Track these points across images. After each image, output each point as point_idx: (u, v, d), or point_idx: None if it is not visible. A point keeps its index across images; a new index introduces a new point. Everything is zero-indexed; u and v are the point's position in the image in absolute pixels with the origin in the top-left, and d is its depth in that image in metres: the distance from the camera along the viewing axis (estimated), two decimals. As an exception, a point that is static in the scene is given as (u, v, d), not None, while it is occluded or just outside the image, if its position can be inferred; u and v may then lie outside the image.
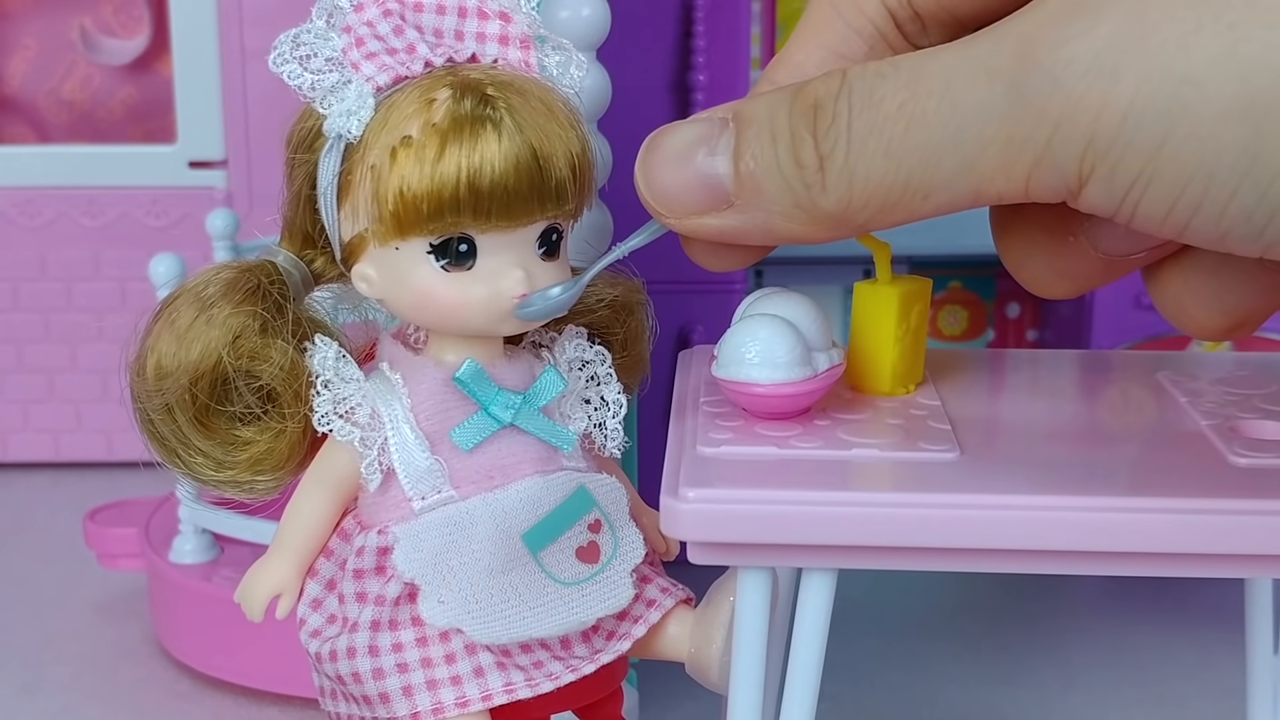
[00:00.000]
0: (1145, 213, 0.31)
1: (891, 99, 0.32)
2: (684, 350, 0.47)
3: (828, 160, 0.33)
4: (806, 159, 0.34)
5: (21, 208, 0.87)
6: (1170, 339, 0.76)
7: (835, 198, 0.34)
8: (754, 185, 0.35)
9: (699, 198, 0.36)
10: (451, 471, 0.40)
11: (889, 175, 0.33)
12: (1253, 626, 0.46)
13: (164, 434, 0.40)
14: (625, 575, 0.41)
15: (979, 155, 0.32)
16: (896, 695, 0.63)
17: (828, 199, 0.34)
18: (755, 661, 0.38)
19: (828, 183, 0.34)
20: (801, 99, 0.34)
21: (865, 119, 0.33)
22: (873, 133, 0.33)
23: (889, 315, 0.41)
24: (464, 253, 0.38)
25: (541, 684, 0.40)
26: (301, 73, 0.39)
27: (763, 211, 0.35)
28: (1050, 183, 0.32)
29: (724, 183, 0.35)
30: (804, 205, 0.34)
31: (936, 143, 0.32)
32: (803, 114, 0.34)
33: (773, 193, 0.35)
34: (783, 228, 0.35)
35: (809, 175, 0.34)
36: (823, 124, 0.33)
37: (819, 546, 0.36)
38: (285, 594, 0.41)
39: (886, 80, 0.33)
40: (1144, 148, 0.30)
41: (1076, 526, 0.35)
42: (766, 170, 0.34)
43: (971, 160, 0.32)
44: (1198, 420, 0.40)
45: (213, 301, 0.39)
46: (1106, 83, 0.30)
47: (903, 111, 0.32)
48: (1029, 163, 0.31)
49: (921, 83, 0.32)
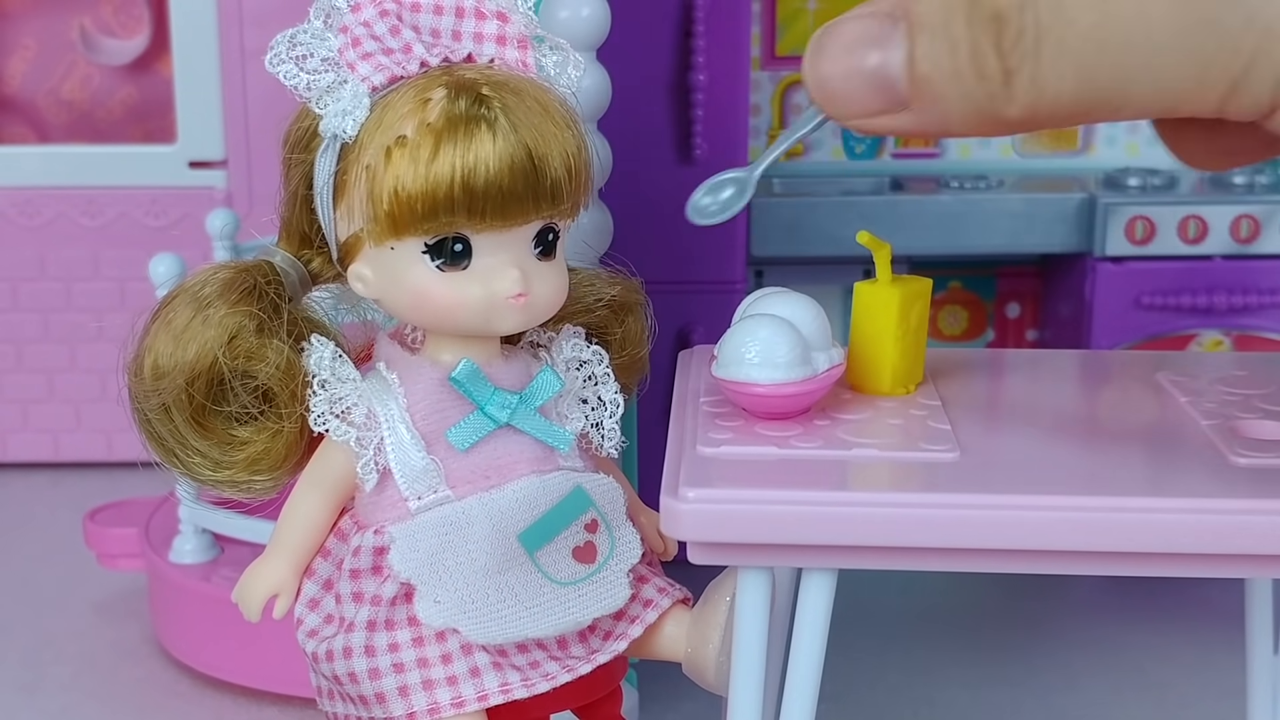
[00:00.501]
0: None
1: (1083, 18, 0.32)
2: (684, 350, 0.47)
3: (1014, 75, 0.33)
4: (991, 71, 0.33)
5: (21, 208, 0.87)
6: (1170, 339, 0.76)
7: (1020, 107, 0.33)
8: (932, 91, 0.34)
9: (872, 99, 0.35)
10: (448, 471, 0.40)
11: (1080, 92, 0.33)
12: (1253, 627, 0.46)
13: (161, 434, 0.40)
14: (622, 575, 0.41)
15: (1174, 80, 0.32)
16: (896, 696, 0.63)
17: (1013, 108, 0.33)
18: (755, 661, 0.38)
19: (1014, 94, 0.33)
20: (980, 6, 0.33)
21: (1055, 36, 0.32)
22: (1063, 52, 0.32)
23: (889, 315, 0.41)
24: (459, 253, 0.38)
25: (538, 684, 0.40)
26: (297, 73, 0.39)
27: (940, 114, 0.34)
28: (1243, 108, 0.32)
29: (898, 85, 0.34)
30: (986, 112, 0.34)
31: (1131, 65, 0.32)
32: (984, 24, 0.33)
33: (952, 100, 0.34)
34: (959, 128, 0.35)
35: (994, 87, 0.33)
36: (1008, 38, 0.33)
37: (819, 546, 0.36)
38: (282, 594, 0.41)
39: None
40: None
41: (1076, 526, 0.35)
42: (945, 78, 0.34)
43: (1166, 83, 0.32)
44: (1198, 420, 0.40)
45: (209, 301, 0.39)
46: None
47: (1095, 32, 0.32)
48: (1224, 90, 0.32)
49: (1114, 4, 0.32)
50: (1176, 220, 0.74)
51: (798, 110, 0.83)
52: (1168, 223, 0.74)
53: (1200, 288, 0.75)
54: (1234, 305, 0.75)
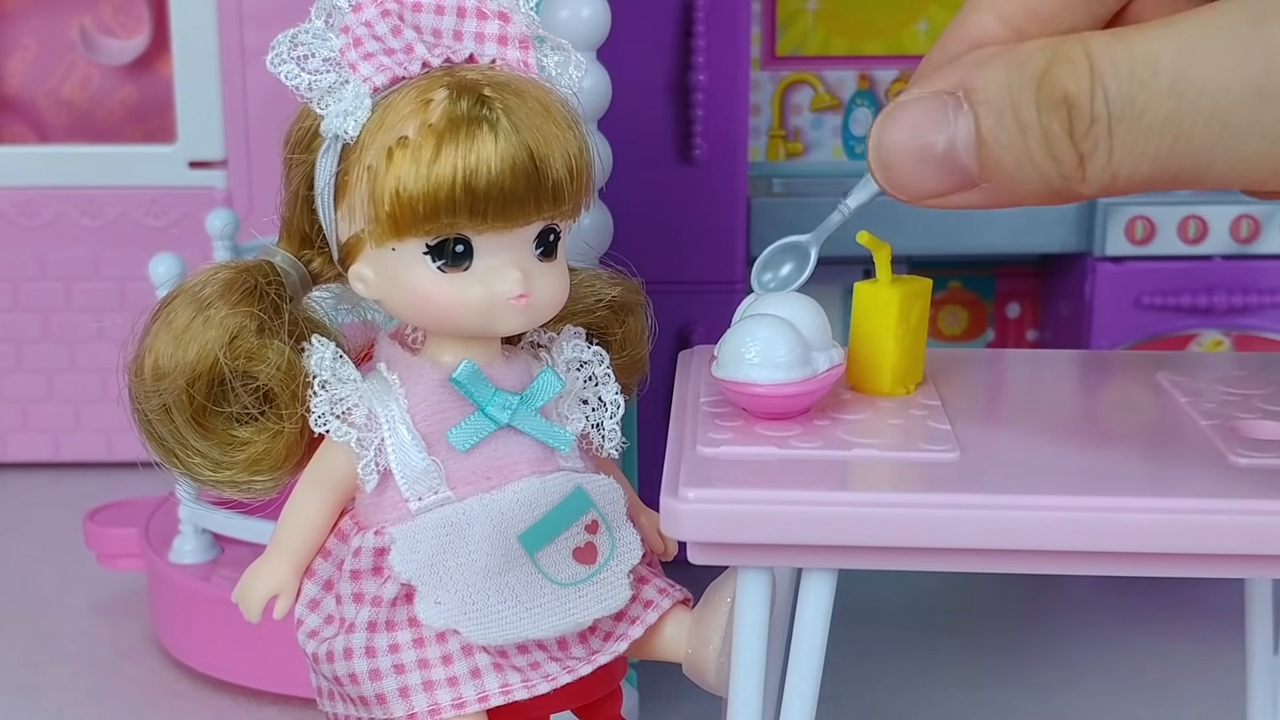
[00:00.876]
0: None
1: (1155, 110, 0.32)
2: (684, 350, 0.47)
3: (1088, 160, 0.33)
4: (1064, 155, 0.33)
5: (21, 208, 0.87)
6: (1170, 339, 0.76)
7: (1095, 187, 0.33)
8: (1002, 172, 0.34)
9: (941, 181, 0.35)
10: (448, 472, 0.40)
11: (1155, 173, 0.33)
12: (1252, 626, 0.46)
13: (162, 434, 0.40)
14: (622, 576, 0.41)
15: (1250, 166, 0.32)
16: (896, 696, 0.63)
17: (1087, 188, 0.33)
18: (755, 662, 0.38)
19: (1088, 177, 0.33)
20: (1048, 90, 0.33)
21: (1127, 126, 0.32)
22: (1137, 142, 0.32)
23: (889, 315, 0.41)
24: (460, 253, 0.38)
25: (538, 685, 0.40)
26: (299, 73, 0.39)
27: (1012, 192, 0.34)
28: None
29: (968, 166, 0.34)
30: (1059, 190, 0.34)
31: (1206, 154, 0.32)
32: (1053, 108, 0.33)
33: (1025, 180, 0.34)
34: (1032, 202, 0.35)
35: (1067, 169, 0.33)
36: (1080, 125, 0.33)
37: (819, 547, 0.36)
38: (282, 594, 0.41)
39: (1146, 88, 0.32)
40: None
41: (1076, 527, 0.35)
42: (1017, 160, 0.34)
43: (1242, 170, 0.32)
44: (1198, 420, 0.40)
45: (210, 302, 0.39)
46: None
47: (1169, 125, 0.32)
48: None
49: (1187, 97, 0.32)
50: (1176, 220, 0.74)
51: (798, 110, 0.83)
52: (1168, 223, 0.74)
53: (1200, 288, 0.75)
54: (1234, 305, 0.75)
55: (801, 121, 0.83)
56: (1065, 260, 0.79)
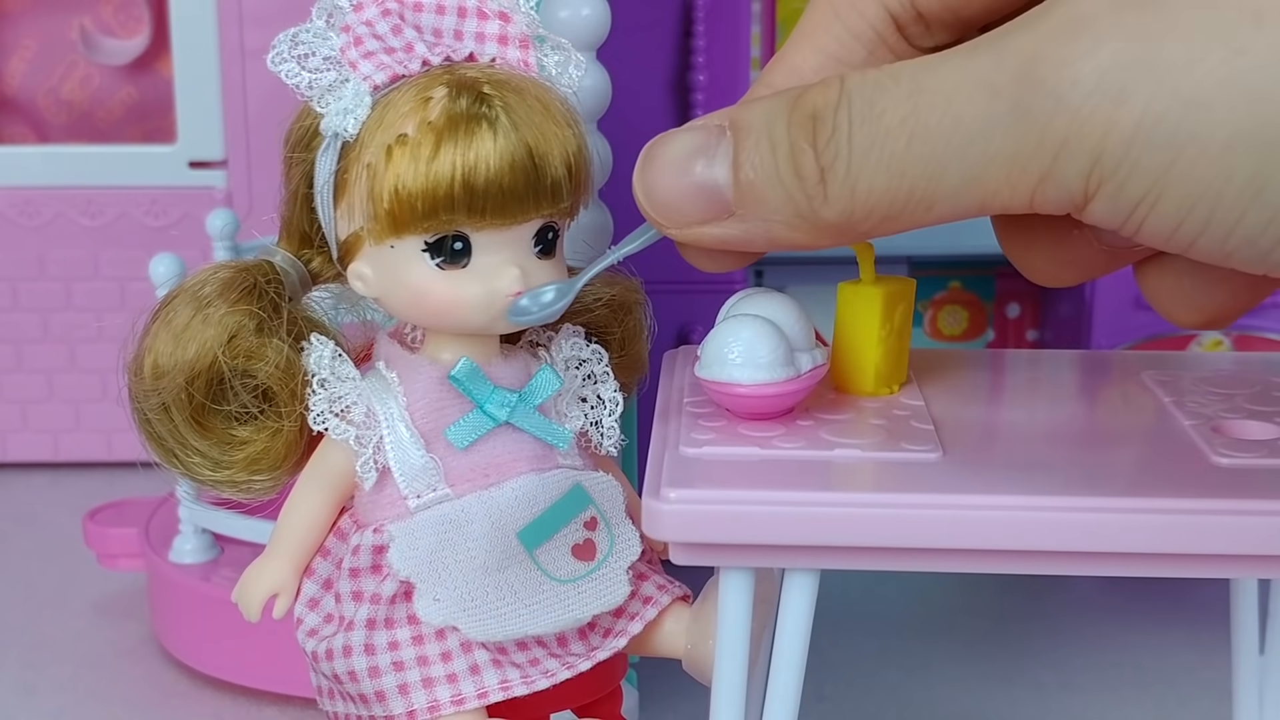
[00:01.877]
0: (1151, 229, 0.31)
1: (893, 112, 0.32)
2: (669, 351, 0.47)
3: (829, 172, 0.33)
4: (807, 170, 0.34)
5: (21, 208, 0.87)
6: (1170, 339, 0.76)
7: (837, 209, 0.34)
8: (754, 195, 0.35)
9: (699, 208, 0.36)
10: (447, 469, 0.40)
11: (892, 188, 0.33)
12: (1238, 627, 0.45)
13: (161, 434, 0.40)
14: (621, 572, 0.41)
15: (983, 171, 0.32)
16: (895, 696, 0.63)
17: (830, 210, 0.34)
18: (738, 662, 0.38)
19: (829, 194, 0.33)
20: (800, 109, 0.34)
21: (866, 132, 0.33)
22: (874, 146, 0.33)
23: (872, 315, 0.41)
24: (459, 251, 0.38)
25: (538, 681, 0.40)
26: (299, 71, 0.39)
27: (764, 221, 0.35)
28: (1055, 198, 0.31)
29: (724, 192, 0.35)
30: (806, 215, 0.34)
31: (940, 157, 0.32)
32: (801, 124, 0.34)
33: (774, 203, 0.34)
34: (784, 236, 0.35)
35: (810, 187, 0.34)
36: (823, 136, 0.33)
37: (801, 547, 0.36)
38: (282, 593, 0.41)
39: (887, 93, 0.32)
40: (1151, 169, 0.30)
41: (1058, 527, 0.34)
42: (767, 180, 0.34)
43: (976, 175, 0.32)
44: (1181, 420, 0.40)
45: (209, 300, 0.39)
46: (1113, 104, 0.30)
47: (904, 126, 0.32)
48: (1034, 179, 0.31)
49: (923, 97, 0.32)
50: (1176, 220, 0.74)
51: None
52: (1167, 223, 0.74)
53: (1200, 288, 0.75)
54: (1233, 305, 0.75)
55: (801, 121, 0.83)
56: (1065, 260, 0.79)
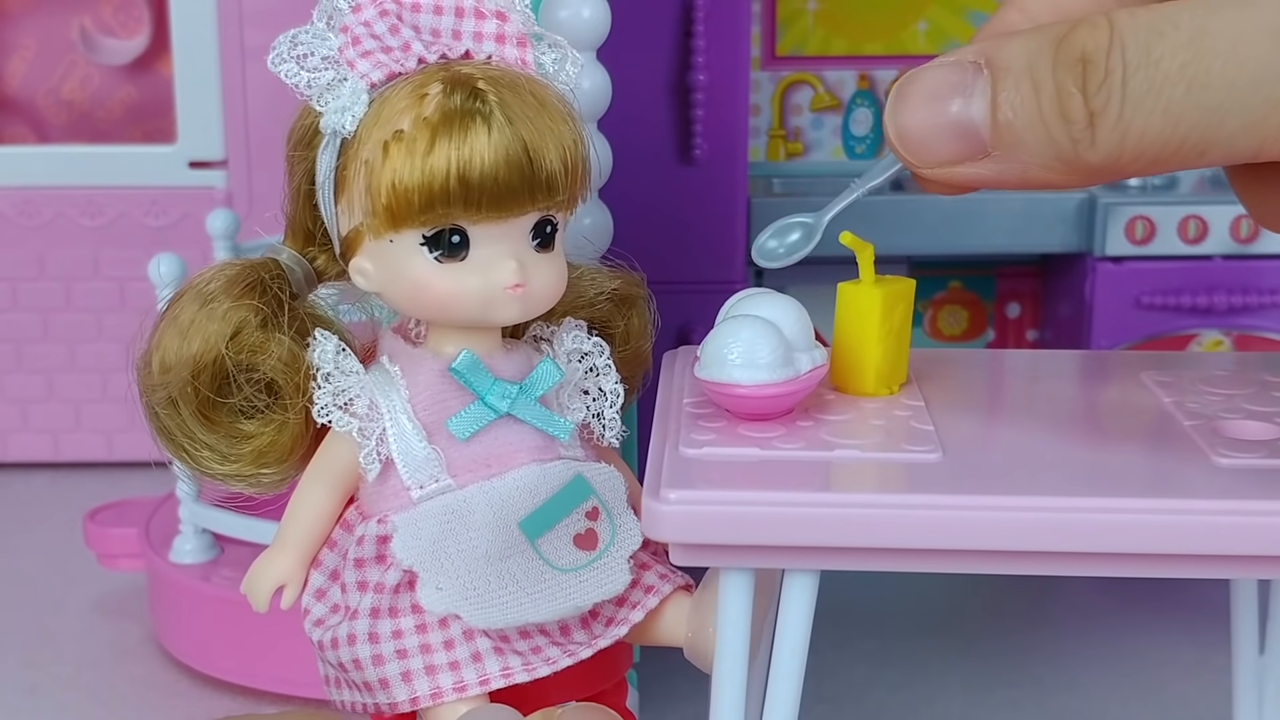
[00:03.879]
0: None
1: (1171, 59, 0.32)
2: (669, 351, 0.47)
3: (1099, 116, 0.32)
4: (1075, 114, 0.33)
5: (21, 208, 0.87)
6: (1170, 339, 0.76)
7: (1105, 152, 0.33)
8: (1014, 136, 0.34)
9: (953, 148, 0.35)
10: (449, 460, 0.40)
11: (1166, 133, 0.32)
12: (1238, 627, 0.45)
13: (169, 428, 0.40)
14: (623, 562, 0.41)
15: (1265, 117, 0.31)
16: (895, 696, 0.63)
17: (1096, 153, 0.33)
18: (738, 662, 0.38)
19: (1098, 138, 0.33)
20: (1066, 49, 0.33)
21: (1142, 77, 0.32)
22: (1150, 91, 0.32)
23: (872, 316, 0.41)
24: (457, 244, 0.39)
25: (539, 669, 0.40)
26: (298, 71, 0.39)
27: (1021, 162, 0.34)
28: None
29: (980, 132, 0.34)
30: (1068, 158, 0.33)
31: (1220, 103, 0.31)
32: (1069, 66, 0.33)
33: (1034, 145, 0.33)
34: (1041, 176, 0.34)
35: (1077, 130, 0.33)
36: (1094, 79, 0.32)
37: (801, 548, 0.36)
38: (289, 585, 0.41)
39: (1165, 38, 0.32)
40: None
41: (1058, 528, 0.34)
42: (1028, 122, 0.33)
43: (1257, 121, 0.31)
44: (1181, 421, 0.40)
45: (213, 296, 0.40)
46: None
47: (1184, 72, 0.31)
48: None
49: (1204, 42, 0.31)
50: (1176, 220, 0.74)
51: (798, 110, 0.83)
52: (1168, 223, 0.74)
53: (1200, 288, 0.75)
54: (1234, 305, 0.75)
55: (801, 121, 0.83)
56: (1065, 260, 0.79)
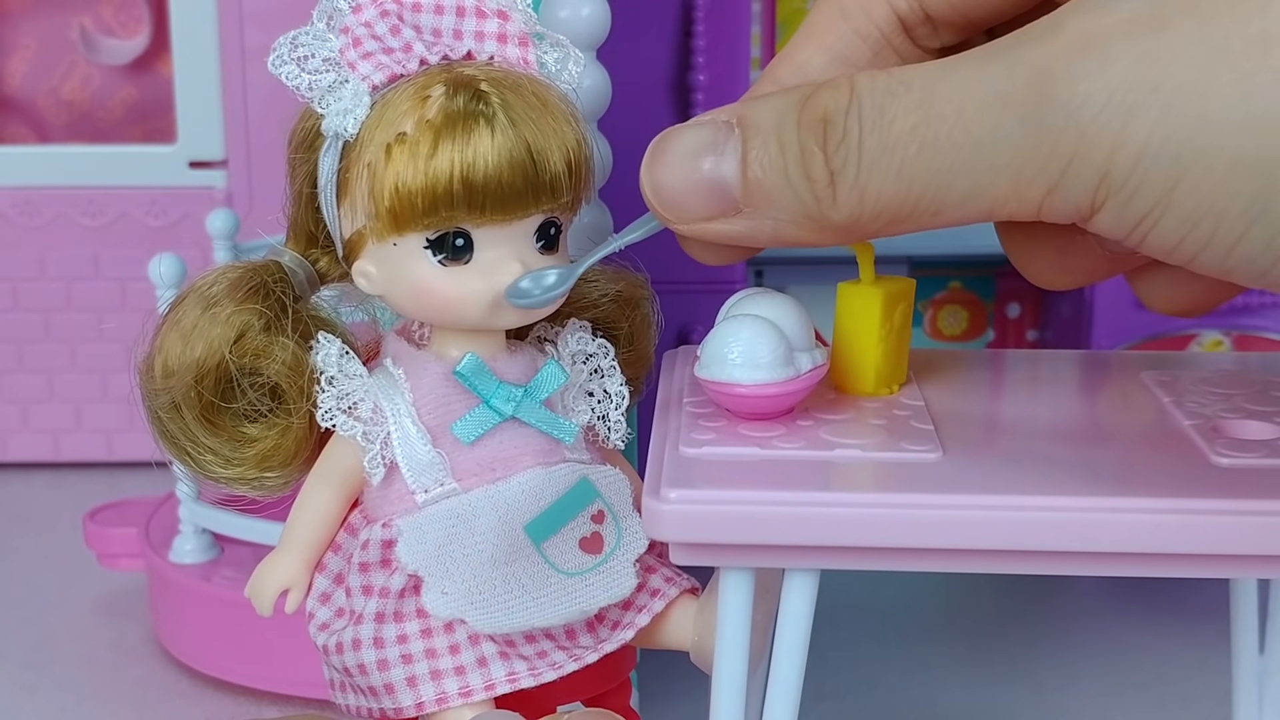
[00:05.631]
0: (1154, 243, 0.32)
1: (903, 120, 0.32)
2: (669, 351, 0.47)
3: (838, 176, 0.33)
4: (816, 173, 0.34)
5: (21, 208, 0.87)
6: (1170, 339, 0.76)
7: (846, 211, 0.34)
8: (762, 193, 0.35)
9: (706, 204, 0.36)
10: (453, 464, 0.40)
11: (900, 193, 0.33)
12: (1238, 627, 0.45)
13: (173, 432, 0.40)
14: (628, 565, 0.41)
15: (992, 181, 0.32)
16: (896, 696, 0.63)
17: (838, 212, 0.34)
18: (738, 662, 0.38)
19: (838, 197, 0.34)
20: (809, 110, 0.34)
21: (876, 138, 0.33)
22: (884, 153, 0.33)
23: (872, 315, 0.41)
24: (460, 247, 0.38)
25: (545, 673, 0.40)
26: (299, 73, 0.39)
27: (770, 219, 0.35)
28: (1062, 210, 0.32)
29: (731, 189, 0.35)
30: (814, 215, 0.34)
31: (949, 166, 0.32)
32: (811, 127, 0.34)
33: (782, 202, 0.34)
34: (790, 234, 0.35)
35: (819, 189, 0.34)
36: (833, 140, 0.33)
37: (801, 547, 0.36)
38: (294, 589, 0.41)
39: (897, 99, 0.33)
40: (1156, 186, 0.30)
41: (1058, 527, 0.34)
42: (775, 180, 0.34)
43: (985, 185, 0.32)
44: (1181, 420, 0.40)
45: (216, 300, 0.40)
46: (1121, 122, 0.30)
47: (915, 134, 0.32)
48: (1042, 191, 0.32)
49: (934, 105, 0.32)
50: (1176, 220, 0.74)
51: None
52: (1168, 223, 0.74)
53: (1200, 288, 0.75)
54: (1234, 305, 0.75)
55: (801, 121, 0.83)
56: (1065, 260, 0.79)
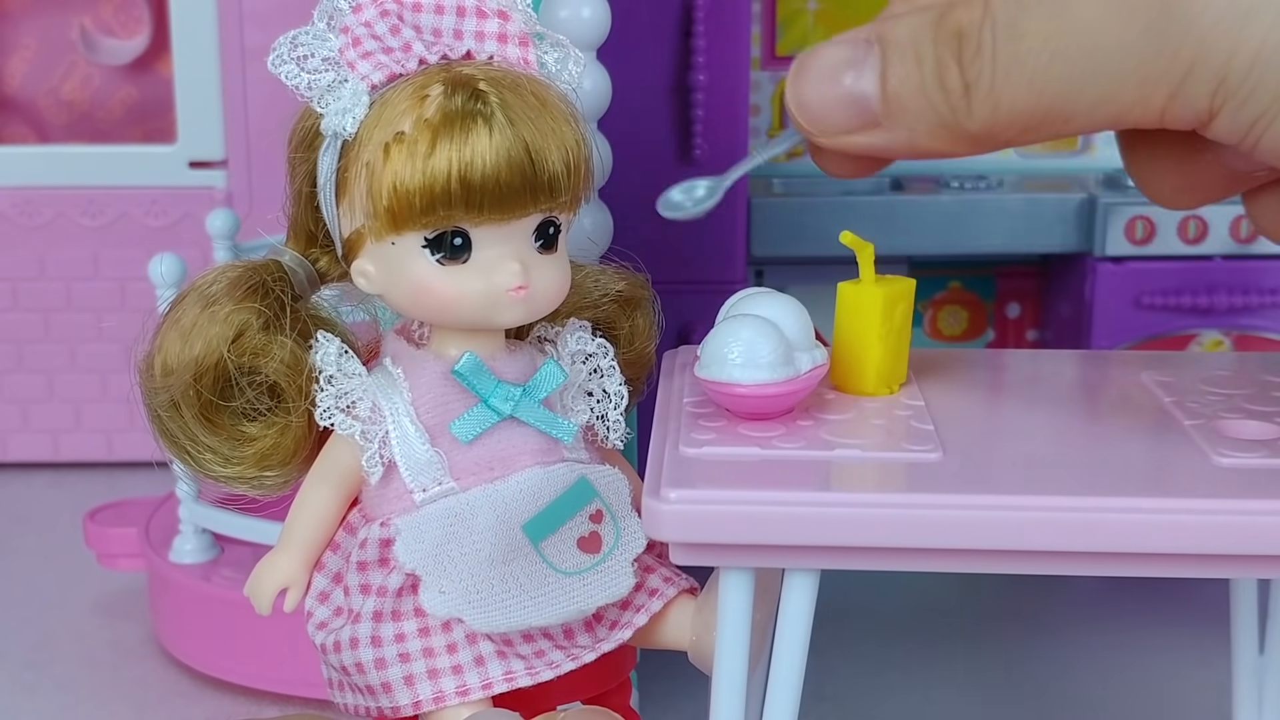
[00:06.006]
0: (1267, 146, 0.34)
1: (1035, 33, 0.34)
2: (669, 351, 0.47)
3: (973, 86, 0.35)
4: (952, 84, 0.36)
5: (21, 208, 0.87)
6: (1170, 339, 0.76)
7: (980, 120, 0.36)
8: (900, 106, 0.36)
9: (847, 117, 0.37)
10: (452, 463, 0.40)
11: (1032, 102, 0.35)
12: (1238, 627, 0.45)
13: (172, 430, 0.40)
14: (627, 565, 0.41)
15: (1118, 89, 0.34)
16: (895, 696, 0.63)
17: (973, 121, 0.36)
18: (738, 661, 0.38)
19: (973, 107, 0.36)
20: (945, 25, 0.36)
21: (1009, 50, 0.35)
22: (1016, 63, 0.35)
23: (872, 315, 0.41)
24: (459, 246, 0.39)
25: (542, 672, 0.40)
26: (299, 73, 0.39)
27: (908, 130, 0.37)
28: (1183, 115, 0.34)
29: (871, 103, 0.37)
30: (949, 125, 0.36)
31: (1078, 75, 0.34)
32: (946, 41, 0.36)
33: (918, 113, 0.36)
34: (927, 144, 0.37)
35: (954, 99, 0.36)
36: (967, 52, 0.35)
37: (801, 547, 0.36)
38: (292, 587, 0.41)
39: (1029, 12, 0.34)
40: (1270, 89, 0.33)
41: (1058, 527, 0.35)
42: (912, 92, 0.36)
43: (1111, 93, 0.34)
44: (1181, 420, 0.40)
45: (215, 298, 0.40)
46: (1238, 28, 0.32)
47: (1046, 45, 0.34)
48: (1164, 97, 0.34)
49: (1064, 18, 0.34)
50: (1176, 220, 0.74)
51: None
52: (1168, 223, 0.74)
53: (1200, 288, 0.75)
54: (1234, 305, 0.75)
55: (801, 121, 0.83)
56: (1065, 260, 0.79)
